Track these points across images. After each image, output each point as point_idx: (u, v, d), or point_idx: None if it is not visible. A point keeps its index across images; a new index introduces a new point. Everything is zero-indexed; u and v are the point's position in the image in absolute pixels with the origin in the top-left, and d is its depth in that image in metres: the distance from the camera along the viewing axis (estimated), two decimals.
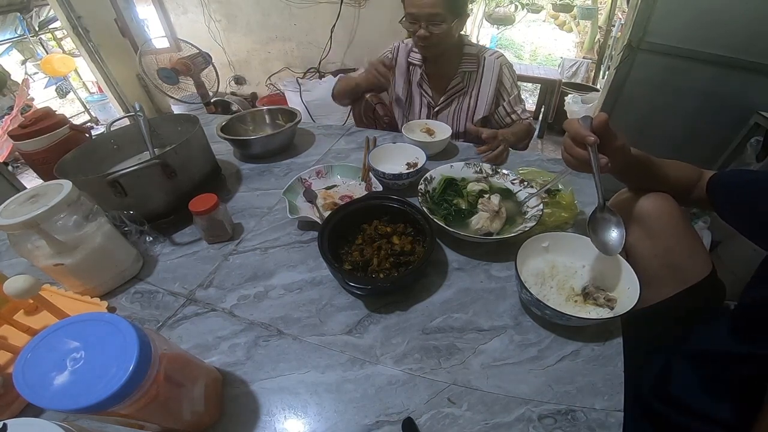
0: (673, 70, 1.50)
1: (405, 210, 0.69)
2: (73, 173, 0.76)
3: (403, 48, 1.18)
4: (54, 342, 0.32)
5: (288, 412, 0.48)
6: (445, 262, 0.68)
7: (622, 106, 1.71)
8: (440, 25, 0.97)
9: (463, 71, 1.12)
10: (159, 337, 0.38)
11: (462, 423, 0.46)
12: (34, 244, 0.55)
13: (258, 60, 2.74)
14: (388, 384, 0.50)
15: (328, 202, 0.82)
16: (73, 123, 1.08)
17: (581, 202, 0.78)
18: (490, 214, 0.70)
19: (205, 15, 2.59)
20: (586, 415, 0.46)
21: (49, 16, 3.02)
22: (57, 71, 2.95)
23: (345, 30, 2.33)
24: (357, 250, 0.65)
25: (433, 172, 0.81)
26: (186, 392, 0.41)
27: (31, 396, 0.29)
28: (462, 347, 0.54)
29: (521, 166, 0.92)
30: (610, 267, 0.60)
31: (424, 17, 0.96)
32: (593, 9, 3.46)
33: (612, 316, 0.54)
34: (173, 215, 0.76)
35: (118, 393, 0.29)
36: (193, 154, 0.80)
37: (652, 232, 0.71)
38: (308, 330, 0.57)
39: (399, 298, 0.61)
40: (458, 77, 1.13)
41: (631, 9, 1.67)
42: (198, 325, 0.59)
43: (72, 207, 0.57)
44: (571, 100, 2.54)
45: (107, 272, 0.64)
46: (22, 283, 0.46)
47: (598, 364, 0.51)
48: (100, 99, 3.06)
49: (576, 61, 3.23)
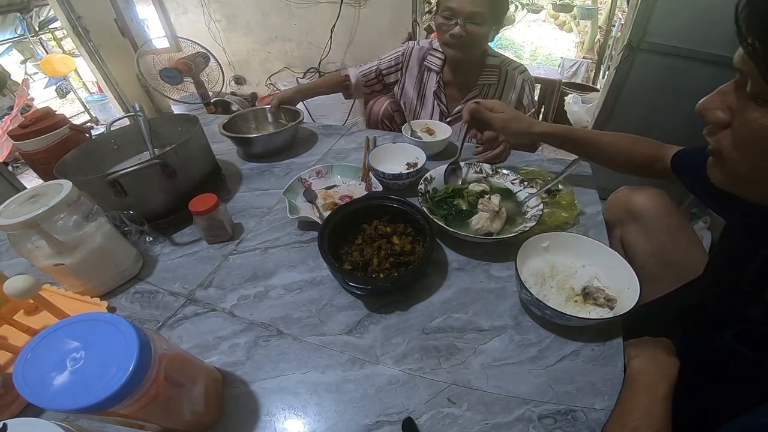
0: (673, 70, 1.50)
1: (405, 210, 0.69)
2: (73, 173, 0.76)
3: (417, 50, 1.13)
4: (54, 342, 0.32)
5: (288, 412, 0.48)
6: (445, 262, 0.68)
7: (622, 106, 1.70)
8: (479, 25, 0.93)
9: (482, 84, 1.08)
10: (159, 337, 0.38)
11: (462, 423, 0.46)
12: (34, 244, 0.55)
13: (258, 60, 2.74)
14: (388, 384, 0.50)
15: (328, 202, 0.82)
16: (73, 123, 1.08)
17: (581, 202, 0.78)
18: (490, 214, 0.70)
19: (205, 15, 2.59)
20: (586, 415, 0.46)
21: (49, 16, 3.02)
22: (57, 71, 2.94)
23: (345, 30, 2.33)
24: (357, 250, 0.65)
25: (433, 172, 0.81)
26: (186, 392, 0.41)
27: (31, 396, 0.29)
28: (462, 347, 0.54)
29: (521, 166, 0.92)
30: (610, 267, 0.60)
31: (464, 14, 0.91)
32: (593, 9, 3.46)
33: (612, 316, 0.54)
34: (173, 215, 0.76)
35: (118, 393, 0.29)
36: (193, 154, 0.80)
37: (648, 230, 0.72)
38: (308, 330, 0.57)
39: (399, 298, 0.61)
40: (477, 89, 1.09)
41: (631, 9, 1.67)
42: (198, 325, 0.59)
43: (72, 207, 0.57)
44: (571, 100, 2.54)
45: (107, 272, 0.64)
46: (22, 283, 0.46)
47: (598, 364, 0.51)
48: (100, 99, 3.06)
49: (576, 61, 3.22)
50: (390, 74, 1.19)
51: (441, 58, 1.10)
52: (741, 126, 0.36)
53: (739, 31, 0.31)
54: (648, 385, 0.45)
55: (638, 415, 0.42)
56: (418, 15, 2.15)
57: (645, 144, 0.75)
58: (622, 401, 0.45)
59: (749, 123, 0.34)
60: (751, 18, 0.31)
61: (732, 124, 0.37)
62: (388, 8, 2.15)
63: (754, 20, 0.31)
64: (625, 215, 0.77)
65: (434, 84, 1.13)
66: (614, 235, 0.79)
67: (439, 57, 1.10)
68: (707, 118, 0.39)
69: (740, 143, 0.37)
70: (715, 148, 0.40)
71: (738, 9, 0.31)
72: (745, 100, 0.35)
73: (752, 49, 0.31)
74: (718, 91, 0.39)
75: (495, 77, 1.08)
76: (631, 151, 0.75)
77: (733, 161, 0.38)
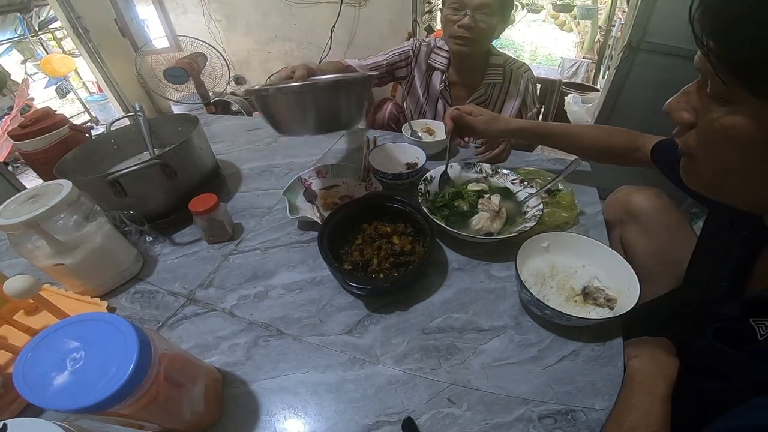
0: (673, 70, 1.50)
1: (405, 210, 0.69)
2: (73, 173, 0.76)
3: (424, 47, 1.11)
4: (54, 342, 0.32)
5: (288, 412, 0.48)
6: (445, 262, 0.68)
7: (622, 106, 1.70)
8: (488, 17, 0.92)
9: (487, 83, 1.08)
10: (159, 337, 0.38)
11: (462, 423, 0.46)
12: (34, 244, 0.55)
13: (258, 60, 2.74)
14: (388, 384, 0.50)
15: (328, 202, 0.81)
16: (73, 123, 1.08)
17: (581, 202, 0.78)
18: (490, 214, 0.70)
19: (205, 15, 2.59)
20: (586, 415, 0.46)
21: (49, 16, 3.02)
22: (57, 71, 2.94)
23: (345, 30, 2.33)
24: (357, 250, 0.65)
25: (433, 172, 0.81)
26: (186, 392, 0.41)
27: (31, 396, 0.29)
28: (462, 347, 0.54)
29: (521, 166, 0.92)
30: (609, 267, 0.60)
31: (473, 5, 0.91)
32: (593, 9, 3.46)
33: (612, 316, 0.54)
34: (173, 215, 0.76)
35: (118, 393, 0.29)
36: (193, 154, 0.80)
37: (648, 229, 0.72)
38: (308, 330, 0.57)
39: (399, 298, 0.61)
40: (482, 89, 1.09)
41: (631, 9, 1.67)
42: (198, 325, 0.59)
43: (72, 207, 0.57)
44: (571, 100, 2.54)
45: (107, 272, 0.64)
46: (22, 283, 0.46)
47: (598, 364, 0.51)
48: (100, 99, 3.06)
49: (576, 61, 3.22)
50: (400, 68, 1.16)
51: (446, 56, 1.09)
52: (703, 126, 0.36)
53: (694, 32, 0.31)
54: (647, 384, 0.45)
55: (636, 415, 0.42)
56: (418, 15, 2.15)
57: (621, 134, 0.77)
58: (621, 401, 0.45)
59: (710, 123, 0.34)
60: (704, 17, 0.30)
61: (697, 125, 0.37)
62: (388, 8, 2.15)
63: (707, 19, 0.30)
64: (624, 215, 0.78)
65: (440, 83, 1.12)
66: (614, 235, 0.79)
67: (444, 56, 1.09)
68: (673, 118, 0.39)
69: (704, 144, 0.36)
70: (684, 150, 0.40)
71: (692, 9, 0.31)
72: (707, 100, 0.34)
73: (707, 50, 0.31)
74: (683, 92, 0.38)
75: (500, 76, 1.07)
76: (607, 140, 0.77)
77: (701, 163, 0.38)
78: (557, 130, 0.82)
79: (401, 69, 1.16)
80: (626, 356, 0.51)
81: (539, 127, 0.83)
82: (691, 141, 0.38)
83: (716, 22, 0.30)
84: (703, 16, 0.30)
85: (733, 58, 0.29)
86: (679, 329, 0.53)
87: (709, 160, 0.37)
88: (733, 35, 0.29)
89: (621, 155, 0.76)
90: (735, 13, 0.28)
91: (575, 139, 0.80)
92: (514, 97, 1.09)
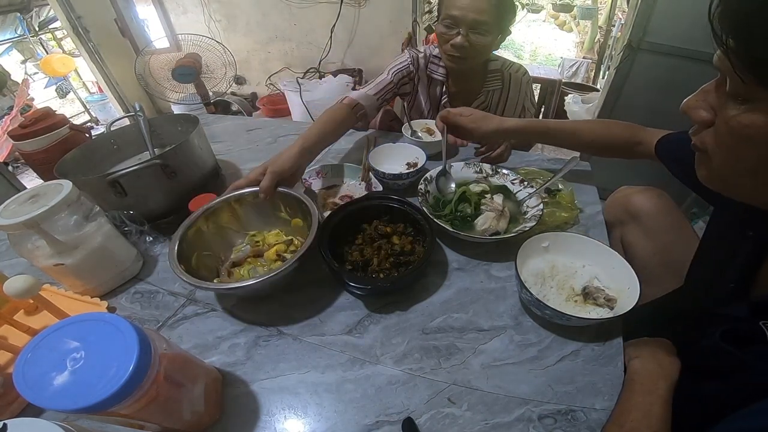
0: (673, 70, 1.50)
1: (405, 210, 0.69)
2: (73, 173, 0.76)
3: (422, 59, 1.07)
4: (54, 342, 0.32)
5: (288, 412, 0.48)
6: (445, 262, 0.68)
7: (622, 106, 1.70)
8: (483, 36, 0.88)
9: (487, 90, 1.06)
10: (159, 337, 0.38)
11: (462, 423, 0.46)
12: (34, 244, 0.55)
13: (258, 60, 2.74)
14: (388, 384, 0.50)
15: (328, 202, 0.81)
16: (73, 123, 1.08)
17: (581, 202, 0.78)
18: (495, 213, 0.70)
19: (205, 15, 2.59)
20: (586, 415, 0.46)
21: (49, 16, 3.02)
22: (57, 71, 2.94)
23: (345, 30, 2.33)
24: (357, 250, 0.65)
25: (433, 172, 0.81)
26: (186, 392, 0.41)
27: (31, 396, 0.29)
28: (462, 347, 0.54)
29: (521, 166, 0.92)
30: (609, 267, 0.60)
31: (467, 23, 0.86)
32: (593, 9, 3.46)
33: (612, 316, 0.54)
34: (173, 215, 0.76)
35: (118, 393, 0.29)
36: (193, 154, 0.80)
37: (649, 230, 0.72)
38: (308, 330, 0.57)
39: (399, 298, 0.61)
40: (482, 95, 1.07)
41: (631, 9, 1.67)
42: (198, 325, 0.59)
43: (72, 207, 0.57)
44: (571, 100, 2.54)
45: (107, 272, 0.64)
46: (22, 283, 0.46)
47: (598, 364, 0.51)
48: (100, 99, 3.06)
49: (576, 61, 3.22)
50: (404, 84, 1.10)
51: (444, 66, 1.07)
52: (721, 124, 0.36)
53: (714, 30, 0.31)
54: (647, 385, 0.45)
55: (637, 416, 0.42)
56: (418, 15, 2.15)
57: (621, 127, 0.76)
58: (622, 401, 0.45)
59: (728, 121, 0.34)
60: (724, 16, 0.31)
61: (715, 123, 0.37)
62: (388, 8, 2.16)
63: (726, 17, 0.31)
64: (624, 215, 0.78)
65: (440, 95, 1.10)
66: (614, 235, 0.79)
67: (442, 65, 1.07)
68: (691, 117, 0.39)
69: (721, 142, 0.36)
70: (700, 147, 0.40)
71: (711, 7, 0.31)
72: (725, 98, 0.34)
73: (727, 48, 0.31)
74: (701, 90, 0.39)
75: (499, 81, 1.06)
76: (607, 134, 0.76)
77: (717, 161, 0.38)
78: (555, 126, 0.81)
79: (405, 86, 1.12)
80: (627, 357, 0.51)
81: (537, 125, 0.82)
82: (708, 139, 0.38)
83: (734, 19, 0.30)
84: (723, 14, 0.31)
85: (751, 55, 0.30)
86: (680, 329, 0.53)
87: (726, 157, 0.37)
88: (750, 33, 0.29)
89: (622, 149, 0.76)
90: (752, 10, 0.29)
91: (574, 134, 0.79)
92: (515, 102, 1.09)
